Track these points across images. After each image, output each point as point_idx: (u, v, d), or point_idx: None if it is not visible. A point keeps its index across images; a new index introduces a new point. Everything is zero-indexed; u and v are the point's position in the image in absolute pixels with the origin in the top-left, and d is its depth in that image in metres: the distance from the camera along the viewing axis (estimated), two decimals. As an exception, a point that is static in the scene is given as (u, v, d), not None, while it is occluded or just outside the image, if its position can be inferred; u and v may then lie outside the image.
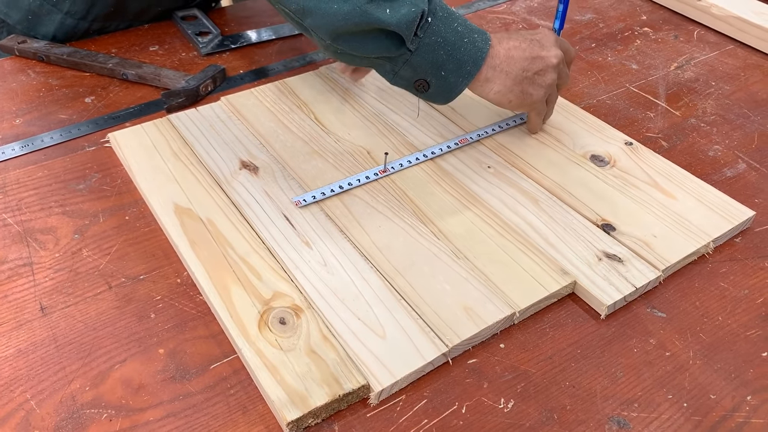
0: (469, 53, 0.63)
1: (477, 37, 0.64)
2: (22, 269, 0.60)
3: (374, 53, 0.62)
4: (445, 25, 0.62)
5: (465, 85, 0.64)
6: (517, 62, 0.65)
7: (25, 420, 0.49)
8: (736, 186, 0.70)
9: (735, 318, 0.57)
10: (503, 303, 0.55)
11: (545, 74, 0.66)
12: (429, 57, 0.62)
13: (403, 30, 0.59)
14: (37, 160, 0.73)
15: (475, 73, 0.64)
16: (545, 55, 0.66)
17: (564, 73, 0.69)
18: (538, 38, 0.67)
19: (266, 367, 0.50)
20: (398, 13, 0.58)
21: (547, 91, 0.68)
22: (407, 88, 0.66)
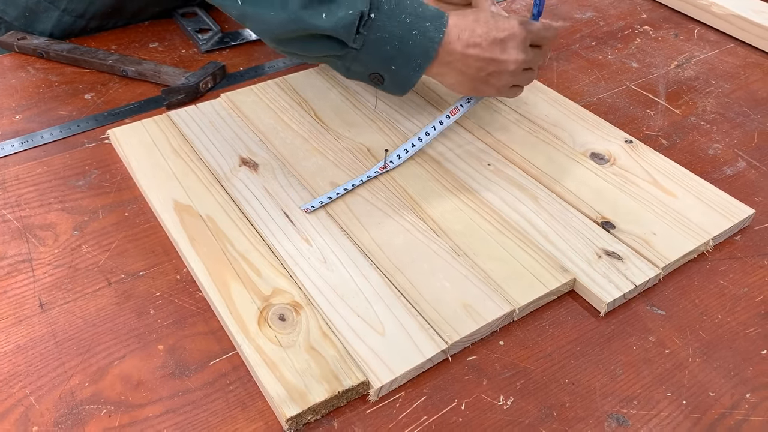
0: (419, 46, 0.61)
1: (429, 26, 0.62)
2: (22, 265, 0.60)
3: (320, 54, 0.62)
4: (391, 19, 0.60)
5: (417, 77, 0.64)
6: (473, 62, 0.63)
7: (24, 416, 0.49)
8: (736, 184, 0.70)
9: (734, 316, 0.57)
10: (503, 300, 0.55)
11: (499, 77, 0.65)
12: (376, 53, 0.61)
13: (341, 33, 0.59)
14: (36, 156, 0.72)
15: (426, 66, 0.63)
16: (503, 59, 0.64)
17: (533, 65, 0.67)
18: (502, 37, 0.63)
19: (266, 364, 0.50)
20: (335, 17, 0.58)
21: (501, 90, 0.67)
22: (364, 81, 0.66)
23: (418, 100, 0.79)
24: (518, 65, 0.64)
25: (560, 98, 0.80)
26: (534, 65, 0.68)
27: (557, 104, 0.79)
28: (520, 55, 0.64)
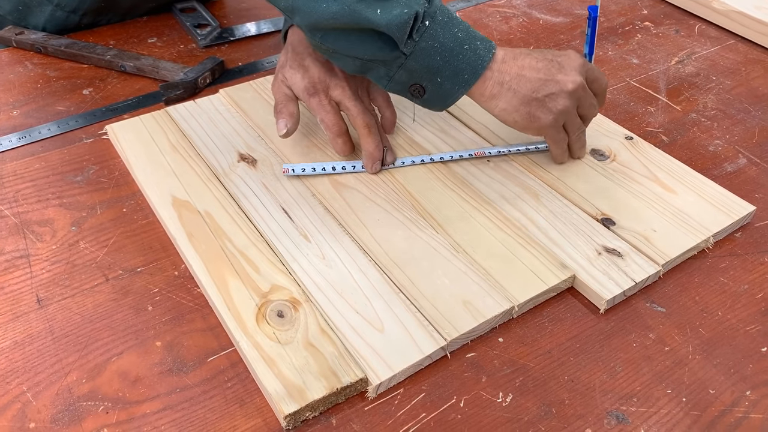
0: (468, 61, 0.59)
1: (480, 45, 0.60)
2: (19, 261, 0.60)
3: (367, 55, 0.59)
4: (444, 29, 0.59)
5: (461, 93, 0.61)
6: (528, 82, 0.60)
7: (21, 412, 0.48)
8: (737, 181, 0.70)
9: (735, 313, 0.57)
10: (502, 297, 0.55)
11: (557, 99, 0.61)
12: (425, 61, 0.59)
13: (394, 32, 0.57)
14: (34, 151, 0.72)
15: (473, 82, 0.60)
16: (561, 78, 0.61)
17: (587, 103, 0.64)
18: (560, 60, 0.62)
19: (264, 360, 0.50)
20: (389, 14, 0.56)
21: (558, 118, 0.62)
22: (402, 93, 0.63)
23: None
24: (577, 85, 0.61)
25: (560, 94, 0.79)
26: (589, 111, 0.65)
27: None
28: (579, 77, 0.61)
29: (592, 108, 0.65)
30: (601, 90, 0.65)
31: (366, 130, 0.66)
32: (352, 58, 0.60)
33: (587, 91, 0.63)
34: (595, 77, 0.64)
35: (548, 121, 0.62)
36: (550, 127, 0.63)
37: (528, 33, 0.95)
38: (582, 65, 0.62)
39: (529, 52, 0.62)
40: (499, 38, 0.94)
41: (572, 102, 0.62)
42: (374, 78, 0.62)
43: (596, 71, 0.64)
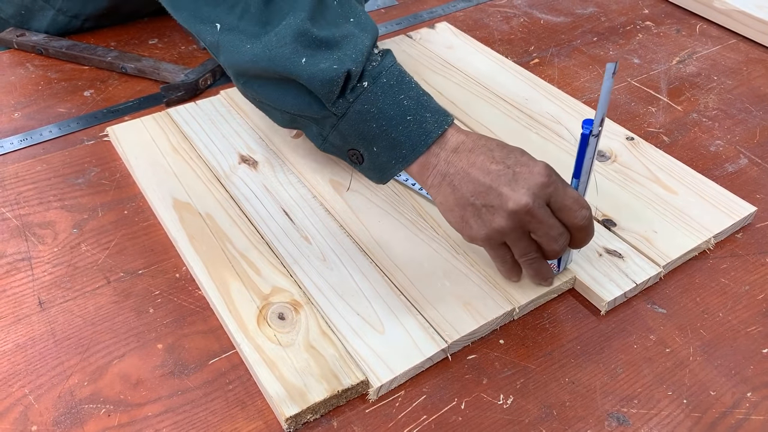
0: (409, 134, 0.52)
1: (429, 117, 0.52)
2: (21, 264, 0.60)
3: (294, 109, 0.54)
4: (387, 94, 0.52)
5: (399, 169, 0.53)
6: (471, 183, 0.51)
7: (23, 415, 0.48)
8: (738, 181, 0.70)
9: (735, 314, 0.56)
10: (503, 299, 0.55)
11: (494, 214, 0.50)
12: (359, 126, 0.52)
13: (318, 88, 0.50)
14: (35, 153, 0.72)
15: (412, 160, 0.52)
16: (506, 193, 0.49)
17: (540, 231, 0.51)
18: (519, 170, 0.50)
19: (265, 363, 0.50)
20: (314, 67, 0.50)
21: (492, 235, 0.51)
22: (341, 157, 0.56)
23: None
24: (521, 208, 0.49)
25: (561, 95, 0.79)
26: (545, 241, 0.51)
27: (558, 100, 0.78)
28: (527, 199, 0.49)
29: (550, 240, 0.51)
30: (574, 224, 0.51)
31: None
32: (280, 111, 0.55)
33: (539, 218, 0.50)
34: (564, 206, 0.51)
35: (480, 235, 0.52)
36: (483, 241, 0.53)
37: (529, 33, 0.95)
38: (542, 185, 0.50)
39: (491, 147, 0.52)
40: (500, 38, 0.93)
41: (511, 223, 0.50)
42: (308, 135, 0.57)
43: (569, 199, 0.51)
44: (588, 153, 0.51)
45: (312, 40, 0.51)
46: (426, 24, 0.95)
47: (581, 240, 0.53)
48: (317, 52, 0.51)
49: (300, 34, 0.50)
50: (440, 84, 0.81)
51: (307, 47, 0.51)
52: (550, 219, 0.51)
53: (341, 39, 0.52)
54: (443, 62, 0.85)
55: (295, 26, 0.50)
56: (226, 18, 0.53)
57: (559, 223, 0.51)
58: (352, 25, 0.54)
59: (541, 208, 0.50)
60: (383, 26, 0.95)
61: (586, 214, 0.51)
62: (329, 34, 0.52)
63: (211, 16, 0.54)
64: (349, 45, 0.52)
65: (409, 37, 0.90)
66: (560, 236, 0.51)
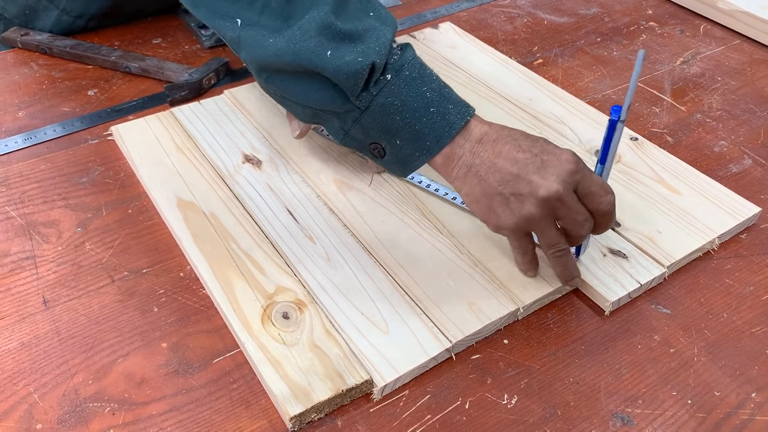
0: (433, 126, 0.52)
1: (452, 109, 0.52)
2: (25, 262, 0.60)
3: (317, 104, 0.53)
4: (410, 86, 0.52)
5: (423, 161, 0.53)
6: (498, 173, 0.51)
7: (28, 413, 0.49)
8: (742, 182, 0.70)
9: (740, 315, 0.56)
10: (507, 299, 0.55)
11: (524, 202, 0.51)
12: (383, 119, 0.52)
13: (343, 81, 0.50)
14: (39, 152, 0.72)
15: (436, 151, 0.52)
16: (535, 180, 0.50)
17: (569, 218, 0.52)
18: (546, 158, 0.51)
19: (269, 362, 0.50)
20: (339, 60, 0.50)
21: (520, 223, 0.52)
22: (362, 151, 0.56)
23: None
24: (551, 194, 0.50)
25: (565, 95, 0.79)
26: (572, 226, 0.52)
27: (562, 101, 0.78)
28: (558, 186, 0.50)
29: (577, 225, 0.52)
30: (599, 209, 0.52)
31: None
32: (302, 105, 0.55)
33: (569, 204, 0.51)
34: (590, 192, 0.51)
35: (509, 224, 0.52)
36: (510, 230, 0.53)
37: (532, 33, 0.95)
38: (570, 172, 0.50)
39: (516, 137, 0.53)
40: (504, 38, 0.93)
41: (542, 210, 0.51)
42: (329, 130, 0.57)
43: (595, 185, 0.52)
44: (615, 139, 0.52)
45: (336, 33, 0.51)
46: (429, 24, 0.95)
47: (604, 225, 0.54)
48: (341, 45, 0.51)
49: (324, 27, 0.50)
50: (444, 84, 0.81)
51: (331, 40, 0.51)
52: (577, 204, 0.51)
53: (364, 32, 0.52)
54: (447, 62, 0.85)
55: (319, 19, 0.50)
56: (246, 13, 0.53)
57: (584, 208, 0.52)
58: (373, 18, 0.54)
59: (570, 195, 0.51)
60: (387, 26, 0.95)
61: (611, 200, 0.52)
62: (352, 27, 0.52)
63: (230, 12, 0.54)
64: (372, 38, 0.52)
65: (412, 37, 0.90)
66: (586, 221, 0.52)
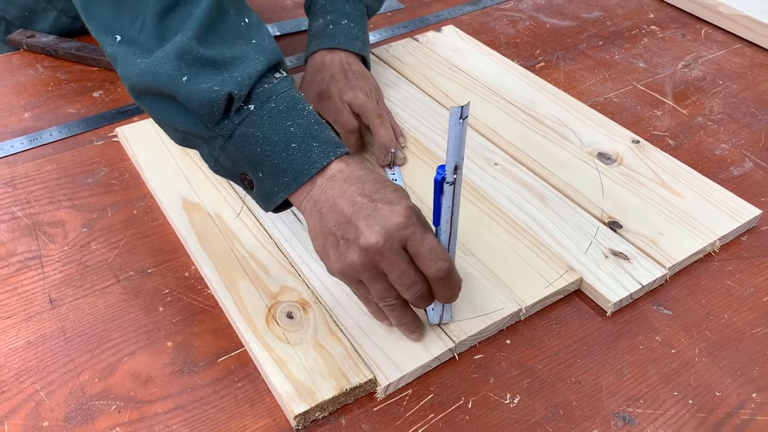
0: (292, 162, 0.50)
1: (316, 147, 0.50)
2: (32, 262, 0.60)
3: (183, 127, 0.52)
4: (273, 119, 0.50)
5: (282, 197, 0.51)
6: (336, 213, 0.48)
7: (34, 411, 0.49)
8: (743, 185, 0.70)
9: (741, 316, 0.57)
10: (509, 299, 0.56)
11: (349, 248, 0.48)
12: (245, 150, 0.51)
13: (196, 107, 0.49)
14: (45, 153, 0.73)
15: (294, 188, 0.50)
16: (361, 228, 0.47)
17: (393, 275, 0.48)
18: (380, 206, 0.47)
19: (274, 361, 0.51)
20: (195, 86, 0.49)
21: (346, 270, 0.49)
22: (235, 182, 0.54)
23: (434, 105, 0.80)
24: (370, 247, 0.46)
25: (567, 98, 0.80)
26: (398, 287, 0.48)
27: (564, 104, 0.79)
28: (378, 239, 0.46)
29: (401, 287, 0.48)
30: (429, 275, 0.48)
31: (378, 120, 0.68)
32: (172, 128, 0.54)
33: (390, 260, 0.47)
34: (419, 253, 0.47)
35: (335, 268, 0.50)
36: (339, 275, 0.50)
37: (535, 36, 0.96)
38: (398, 226, 0.47)
39: (365, 180, 0.50)
40: (506, 41, 0.94)
41: (363, 260, 0.47)
42: (202, 156, 0.55)
43: (425, 247, 0.47)
44: (444, 201, 0.47)
45: (197, 59, 0.49)
46: (432, 27, 0.96)
47: (440, 293, 0.49)
48: (202, 71, 0.49)
49: (185, 52, 0.49)
50: (446, 87, 0.81)
51: (191, 66, 0.49)
52: (402, 264, 0.47)
53: (231, 60, 0.50)
54: (449, 65, 0.85)
55: (180, 44, 0.49)
56: (128, 30, 0.52)
57: (414, 270, 0.48)
58: (252, 47, 0.52)
59: (393, 250, 0.47)
60: (389, 29, 0.96)
61: (442, 266, 0.47)
62: (218, 54, 0.50)
63: (115, 27, 0.52)
64: (238, 67, 0.50)
65: (415, 40, 0.90)
66: (413, 285, 0.48)
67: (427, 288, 0.49)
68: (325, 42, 0.73)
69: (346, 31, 0.74)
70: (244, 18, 0.53)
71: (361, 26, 0.76)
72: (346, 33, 0.74)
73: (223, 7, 0.52)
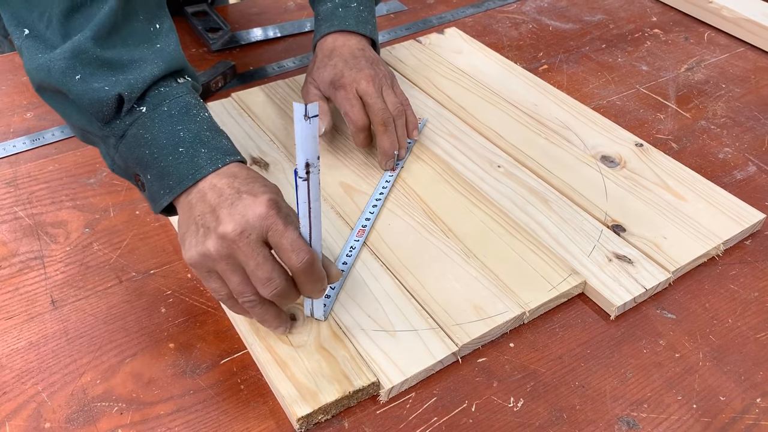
0: (178, 166, 0.50)
1: (204, 153, 0.50)
2: (33, 262, 0.60)
3: (79, 124, 0.53)
4: (163, 123, 0.51)
5: (167, 200, 0.51)
6: (203, 203, 0.48)
7: (36, 412, 0.49)
8: (747, 188, 0.70)
9: (745, 320, 0.57)
10: (513, 302, 0.55)
11: (207, 237, 0.47)
12: (135, 151, 0.51)
13: (86, 106, 0.50)
14: (47, 153, 0.73)
15: (178, 192, 0.50)
16: (222, 216, 0.47)
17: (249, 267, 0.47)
18: (245, 197, 0.47)
19: (277, 363, 0.50)
20: (87, 86, 0.49)
21: (199, 260, 0.48)
22: (131, 181, 0.55)
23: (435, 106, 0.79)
24: (227, 235, 0.46)
25: (570, 101, 0.80)
26: (254, 280, 0.47)
27: (567, 107, 0.79)
28: (236, 227, 0.46)
29: (256, 281, 0.47)
30: (290, 267, 0.47)
31: (382, 127, 0.67)
32: (71, 124, 0.54)
33: (246, 252, 0.46)
34: (280, 245, 0.46)
35: (188, 257, 0.48)
36: (193, 266, 0.49)
37: (538, 39, 0.95)
38: (258, 216, 0.46)
39: (237, 176, 0.49)
40: (509, 44, 0.94)
41: (219, 250, 0.47)
42: (102, 156, 0.55)
43: (286, 239, 0.46)
44: (300, 196, 0.45)
45: (93, 60, 0.50)
46: (435, 29, 0.96)
47: (303, 286, 0.48)
48: (97, 71, 0.50)
49: (81, 51, 0.50)
50: (449, 89, 0.81)
51: (87, 65, 0.50)
52: (259, 257, 0.46)
53: (129, 62, 0.51)
54: (452, 67, 0.85)
55: (78, 43, 0.50)
56: (37, 24, 0.52)
57: (272, 264, 0.47)
58: (154, 51, 0.52)
59: (250, 241, 0.46)
60: (392, 31, 0.96)
61: (303, 258, 0.46)
62: (115, 56, 0.51)
63: (26, 20, 0.52)
64: (134, 69, 0.51)
65: (418, 42, 0.90)
66: (269, 281, 0.47)
67: (286, 284, 0.48)
68: (335, 25, 0.72)
69: (356, 14, 0.73)
70: (155, 24, 0.54)
71: (370, 10, 0.75)
72: (356, 16, 0.73)
73: (132, 11, 0.53)
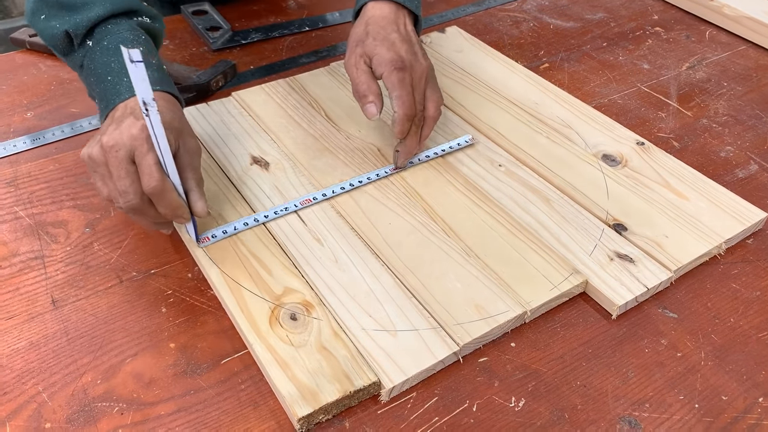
0: (106, 93, 0.59)
1: (126, 81, 0.59)
2: (34, 262, 0.60)
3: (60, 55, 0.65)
4: (103, 55, 0.61)
5: (102, 120, 0.59)
6: (110, 119, 0.57)
7: (37, 412, 0.49)
8: (748, 187, 0.70)
9: (747, 320, 0.57)
10: (514, 302, 0.55)
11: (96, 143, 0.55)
12: (87, 79, 0.63)
13: (47, 41, 0.63)
14: (48, 153, 0.73)
15: (105, 114, 0.59)
16: (109, 131, 0.55)
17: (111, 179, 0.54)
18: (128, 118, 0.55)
19: (277, 363, 0.50)
20: (47, 24, 0.63)
21: (84, 159, 0.56)
22: None
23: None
24: (103, 144, 0.54)
25: (571, 99, 0.80)
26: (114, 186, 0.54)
27: (568, 105, 0.79)
28: (109, 140, 0.54)
29: (117, 193, 0.54)
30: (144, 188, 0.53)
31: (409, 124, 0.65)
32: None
33: (110, 163, 0.54)
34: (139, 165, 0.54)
35: (82, 153, 0.56)
36: (83, 159, 0.56)
37: (539, 37, 0.95)
38: (128, 137, 0.53)
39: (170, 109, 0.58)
40: (510, 42, 0.94)
41: (97, 156, 0.54)
42: None
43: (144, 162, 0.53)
44: (149, 131, 0.52)
45: (54, 3, 0.62)
46: (436, 28, 0.95)
47: (157, 207, 0.55)
48: (57, 12, 0.62)
49: None
50: (450, 87, 0.81)
51: (51, 7, 0.62)
52: (121, 171, 0.53)
53: (81, 5, 0.62)
54: (453, 66, 0.85)
55: None
56: None
57: (130, 180, 0.53)
58: None
59: (118, 155, 0.53)
60: (393, 30, 0.96)
61: (151, 184, 0.53)
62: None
63: None
64: (83, 10, 0.61)
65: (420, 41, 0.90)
66: (124, 193, 0.54)
67: (140, 201, 0.54)
68: None
69: None
70: None
71: None
72: None
73: None
